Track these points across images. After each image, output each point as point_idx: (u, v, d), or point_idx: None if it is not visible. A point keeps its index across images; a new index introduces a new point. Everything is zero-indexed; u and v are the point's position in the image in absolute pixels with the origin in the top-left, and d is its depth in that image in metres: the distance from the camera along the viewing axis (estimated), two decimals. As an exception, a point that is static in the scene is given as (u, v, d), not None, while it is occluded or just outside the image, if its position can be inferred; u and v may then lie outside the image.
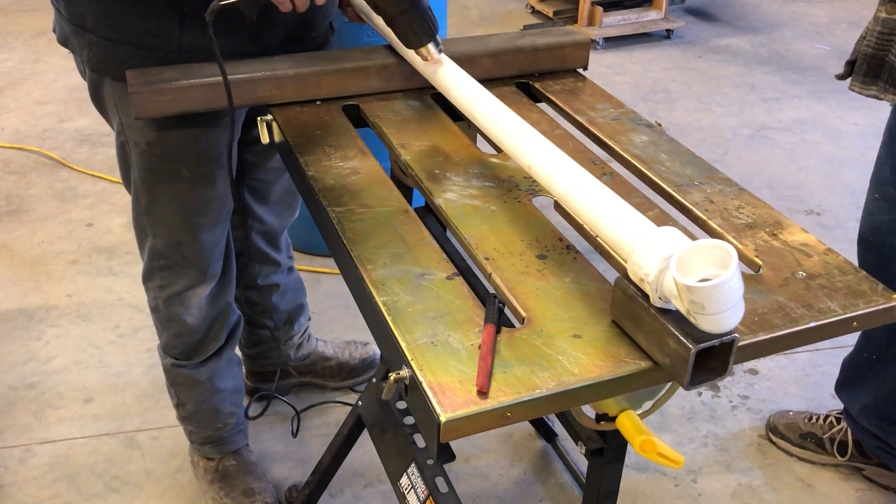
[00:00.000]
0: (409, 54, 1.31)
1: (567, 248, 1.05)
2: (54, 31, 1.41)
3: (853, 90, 1.54)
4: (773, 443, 2.01)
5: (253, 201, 1.73)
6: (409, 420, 1.49)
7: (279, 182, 1.72)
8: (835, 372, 1.94)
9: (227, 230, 1.57)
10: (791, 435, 1.99)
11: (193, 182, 1.43)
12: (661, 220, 1.11)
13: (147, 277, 1.58)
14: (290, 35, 1.42)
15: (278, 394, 2.10)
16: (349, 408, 1.74)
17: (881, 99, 1.51)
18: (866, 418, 1.84)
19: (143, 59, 1.28)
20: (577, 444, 1.25)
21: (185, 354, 1.67)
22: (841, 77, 1.60)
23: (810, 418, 1.99)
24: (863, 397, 1.84)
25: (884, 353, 1.77)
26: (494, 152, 1.27)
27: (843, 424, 1.94)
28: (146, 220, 1.49)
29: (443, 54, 1.27)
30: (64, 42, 1.39)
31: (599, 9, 4.33)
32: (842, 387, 1.91)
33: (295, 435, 1.99)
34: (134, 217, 1.52)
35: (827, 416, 1.98)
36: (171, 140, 1.38)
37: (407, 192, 1.37)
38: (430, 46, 1.24)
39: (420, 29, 1.21)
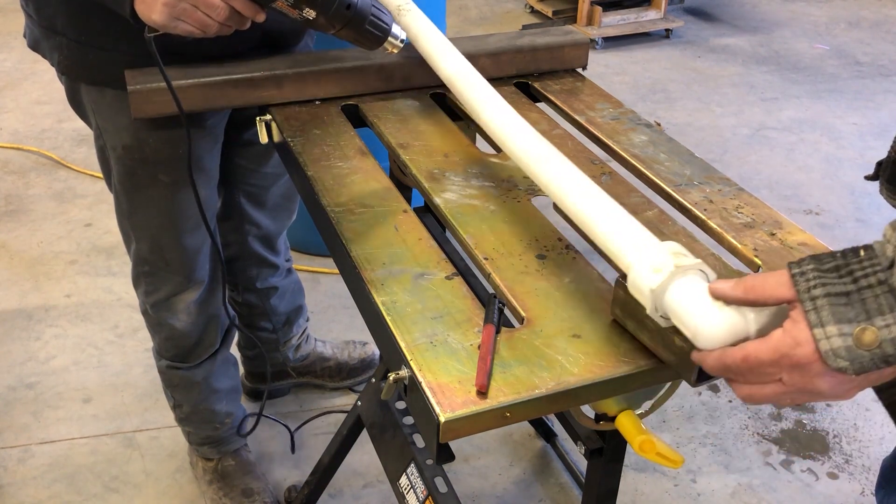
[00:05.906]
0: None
1: (566, 248, 1.05)
2: (25, 35, 1.38)
3: (882, 195, 1.39)
4: None
5: (249, 206, 1.71)
6: (409, 420, 1.49)
7: (276, 186, 1.71)
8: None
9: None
10: None
11: (172, 187, 1.42)
12: (661, 219, 1.11)
13: (135, 282, 1.58)
14: (263, 41, 1.38)
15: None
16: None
17: None
18: None
19: (115, 63, 1.25)
20: (576, 444, 1.25)
21: (178, 357, 1.67)
22: (870, 178, 1.41)
23: None
24: None
25: None
26: (494, 152, 1.27)
27: None
28: (128, 224, 1.48)
29: (405, 35, 1.24)
30: (34, 46, 1.35)
31: (598, 8, 4.33)
32: (880, 486, 1.82)
33: (293, 452, 1.98)
34: (118, 221, 1.51)
35: None
36: (147, 145, 1.35)
37: (406, 191, 1.37)
38: (391, 40, 1.21)
39: (368, 34, 1.17)
